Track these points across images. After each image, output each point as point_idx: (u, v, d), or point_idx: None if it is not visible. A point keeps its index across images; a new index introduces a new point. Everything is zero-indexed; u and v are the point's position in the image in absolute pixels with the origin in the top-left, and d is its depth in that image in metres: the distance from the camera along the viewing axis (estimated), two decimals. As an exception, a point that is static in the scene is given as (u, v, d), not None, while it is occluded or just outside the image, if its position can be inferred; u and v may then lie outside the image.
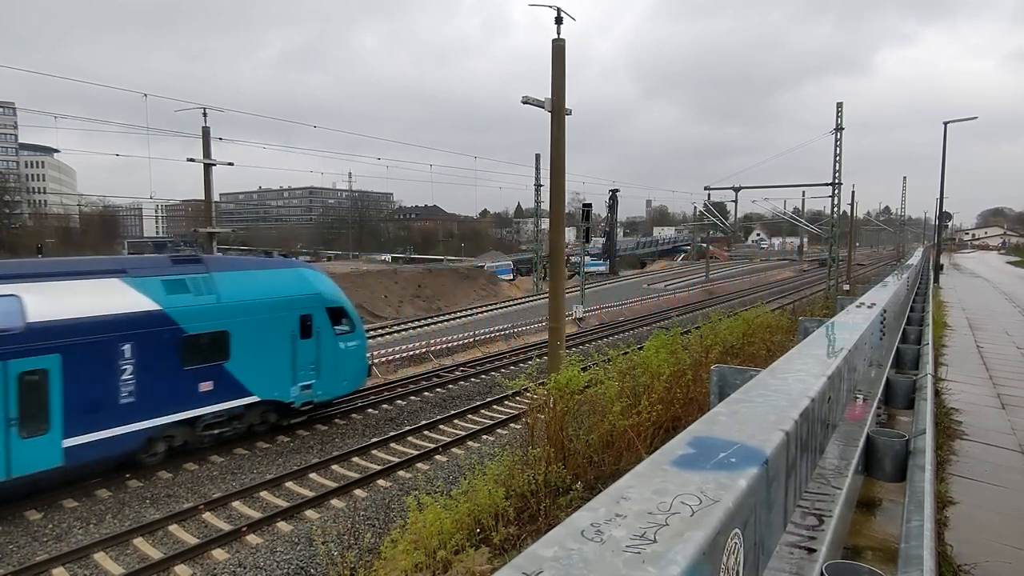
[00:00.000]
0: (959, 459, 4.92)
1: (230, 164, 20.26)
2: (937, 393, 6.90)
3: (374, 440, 15.08)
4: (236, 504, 11.87)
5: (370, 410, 17.88)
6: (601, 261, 69.23)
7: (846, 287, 34.31)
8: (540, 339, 26.51)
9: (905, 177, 77.47)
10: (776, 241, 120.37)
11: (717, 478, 1.03)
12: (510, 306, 39.99)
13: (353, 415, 17.46)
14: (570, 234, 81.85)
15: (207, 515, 11.42)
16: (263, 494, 12.38)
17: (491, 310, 38.17)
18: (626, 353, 10.09)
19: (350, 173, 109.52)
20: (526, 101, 10.12)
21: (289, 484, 12.83)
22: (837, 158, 33.76)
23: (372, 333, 30.47)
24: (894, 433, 2.63)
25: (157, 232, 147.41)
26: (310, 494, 12.19)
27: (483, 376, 21.65)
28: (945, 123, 27.51)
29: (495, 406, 17.88)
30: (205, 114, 18.51)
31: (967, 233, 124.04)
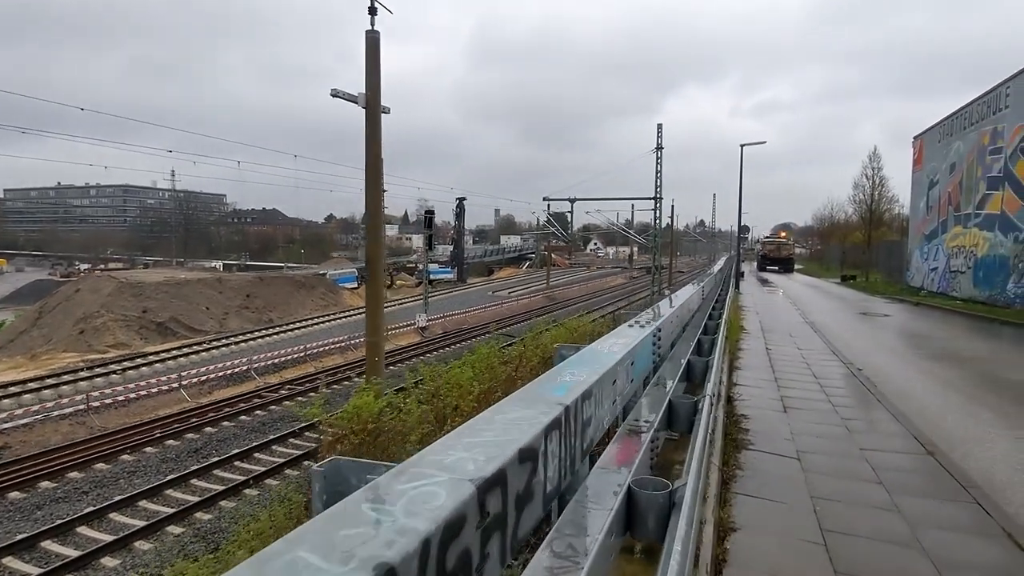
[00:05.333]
0: (744, 473, 5.03)
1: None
2: (730, 400, 7.28)
3: (170, 477, 12.95)
4: (-39, 580, 9.34)
5: (170, 441, 15.45)
6: (449, 268, 69.03)
7: (668, 291, 37.54)
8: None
9: (715, 194, 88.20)
10: (611, 250, 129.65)
11: None
12: (351, 316, 37.97)
13: (147, 448, 14.95)
14: (419, 241, 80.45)
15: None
16: (7, 560, 9.92)
17: (329, 320, 35.95)
18: (462, 366, 9.54)
19: (172, 171, 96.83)
20: (335, 94, 9.15)
21: (47, 543, 10.44)
22: (658, 174, 36.88)
23: (186, 350, 27.00)
24: (659, 483, 2.29)
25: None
26: (74, 553, 9.99)
27: (312, 394, 19.90)
28: (741, 145, 31.62)
29: (322, 425, 16.43)
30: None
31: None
